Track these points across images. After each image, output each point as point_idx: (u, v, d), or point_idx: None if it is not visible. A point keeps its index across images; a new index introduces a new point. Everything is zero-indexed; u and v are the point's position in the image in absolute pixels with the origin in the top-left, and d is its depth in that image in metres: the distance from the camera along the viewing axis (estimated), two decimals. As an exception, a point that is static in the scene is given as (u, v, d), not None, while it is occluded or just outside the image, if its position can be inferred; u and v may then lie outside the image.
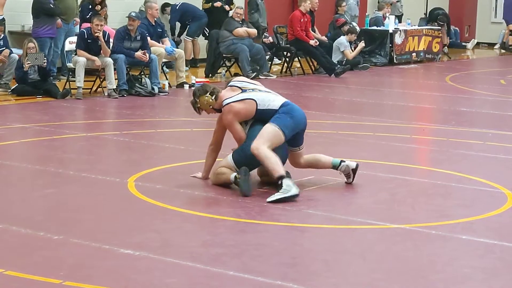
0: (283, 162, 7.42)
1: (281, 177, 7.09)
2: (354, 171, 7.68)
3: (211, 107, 7.54)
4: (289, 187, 7.04)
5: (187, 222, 6.56)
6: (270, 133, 7.28)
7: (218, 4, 17.17)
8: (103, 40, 12.84)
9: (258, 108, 7.40)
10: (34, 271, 5.25)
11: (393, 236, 6.27)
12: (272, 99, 7.48)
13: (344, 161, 7.68)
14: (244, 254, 5.74)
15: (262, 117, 7.42)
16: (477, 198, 7.46)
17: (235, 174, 7.31)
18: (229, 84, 7.69)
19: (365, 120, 11.48)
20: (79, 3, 14.90)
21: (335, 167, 7.68)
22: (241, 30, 15.62)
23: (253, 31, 15.89)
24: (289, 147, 7.59)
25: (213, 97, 7.49)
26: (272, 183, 7.34)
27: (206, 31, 17.27)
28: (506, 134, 10.67)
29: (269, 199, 7.02)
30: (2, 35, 13.33)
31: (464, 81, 16.84)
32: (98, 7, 14.58)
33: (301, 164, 7.75)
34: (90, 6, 14.64)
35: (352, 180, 7.70)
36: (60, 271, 5.26)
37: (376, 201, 7.25)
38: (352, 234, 6.35)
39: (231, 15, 16.17)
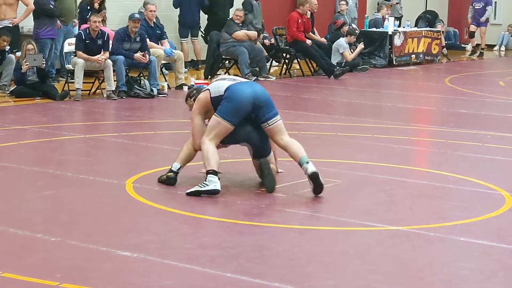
0: (265, 140, 7.47)
1: (208, 172, 7.19)
2: (311, 177, 7.16)
3: None
4: (209, 182, 7.14)
5: (185, 224, 6.56)
6: (212, 125, 7.36)
7: None
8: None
9: (211, 96, 7.45)
10: (32, 273, 5.24)
11: (391, 238, 6.26)
12: (221, 85, 7.44)
13: (308, 163, 7.22)
14: (242, 256, 5.73)
15: (217, 104, 7.37)
16: (475, 199, 7.46)
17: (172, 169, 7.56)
18: None
19: (364, 122, 11.48)
20: (77, 5, 14.90)
21: (300, 164, 7.31)
22: (241, 34, 15.59)
23: (253, 33, 15.84)
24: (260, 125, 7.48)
25: (192, 100, 7.74)
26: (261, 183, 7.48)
27: (202, 32, 17.23)
28: (505, 136, 10.67)
29: (187, 191, 7.19)
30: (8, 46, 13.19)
31: (463, 82, 16.84)
32: (96, 5, 14.58)
33: (279, 143, 7.43)
34: (88, 7, 14.65)
35: (315, 189, 7.20)
36: (57, 273, 5.26)
37: (374, 203, 7.25)
38: (350, 236, 6.34)
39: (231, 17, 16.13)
